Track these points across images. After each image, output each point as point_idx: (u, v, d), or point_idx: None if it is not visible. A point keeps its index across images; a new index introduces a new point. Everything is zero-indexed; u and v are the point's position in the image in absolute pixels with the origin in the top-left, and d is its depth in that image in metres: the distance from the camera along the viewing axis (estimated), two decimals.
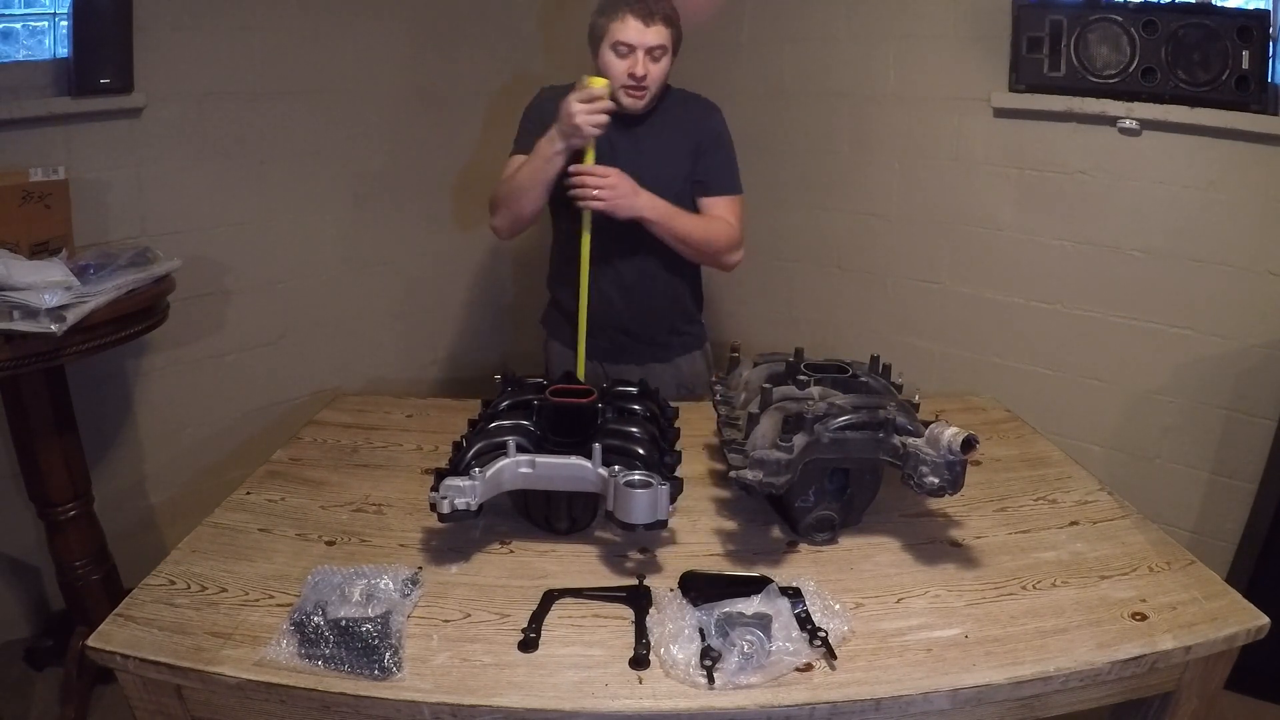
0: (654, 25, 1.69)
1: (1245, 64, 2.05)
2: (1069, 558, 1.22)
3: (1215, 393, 2.23)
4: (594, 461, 1.20)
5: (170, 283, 1.88)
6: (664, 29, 1.70)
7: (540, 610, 1.09)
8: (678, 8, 1.75)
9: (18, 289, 1.54)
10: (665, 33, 1.71)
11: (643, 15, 1.68)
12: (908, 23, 2.53)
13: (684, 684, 0.96)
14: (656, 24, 1.69)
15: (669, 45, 1.72)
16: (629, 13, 1.68)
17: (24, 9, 2.07)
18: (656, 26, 1.69)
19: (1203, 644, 1.05)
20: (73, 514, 1.86)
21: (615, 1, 1.71)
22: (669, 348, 1.96)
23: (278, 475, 1.46)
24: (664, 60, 1.73)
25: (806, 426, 1.18)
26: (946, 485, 1.14)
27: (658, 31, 1.69)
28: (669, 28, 1.71)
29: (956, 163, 2.53)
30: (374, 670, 0.97)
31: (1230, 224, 2.15)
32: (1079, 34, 2.22)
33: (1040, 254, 2.44)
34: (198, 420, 2.48)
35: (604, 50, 1.73)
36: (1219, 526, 2.26)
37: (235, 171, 2.41)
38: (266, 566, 1.19)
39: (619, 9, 1.69)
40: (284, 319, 2.61)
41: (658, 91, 1.77)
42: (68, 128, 2.08)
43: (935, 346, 2.69)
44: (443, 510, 1.14)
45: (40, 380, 1.74)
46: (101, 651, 1.02)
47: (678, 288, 1.92)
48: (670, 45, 1.73)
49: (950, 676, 0.98)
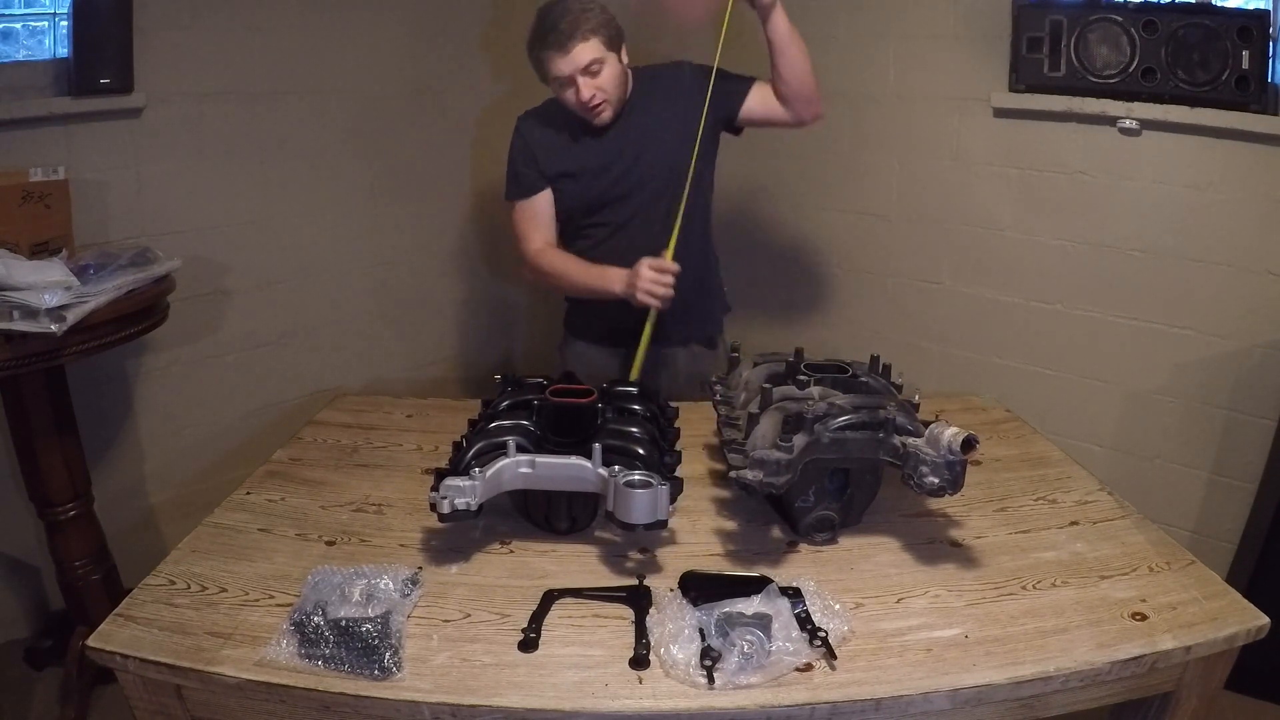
0: (573, 49, 1.63)
1: (1245, 64, 2.05)
2: (1069, 558, 1.22)
3: (1215, 393, 2.23)
4: (594, 461, 1.20)
5: (170, 283, 1.88)
6: (586, 44, 1.64)
7: (540, 610, 1.09)
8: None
9: (18, 289, 1.54)
10: (590, 45, 1.64)
11: (557, 46, 1.64)
12: (908, 23, 2.53)
13: (684, 684, 0.96)
14: (575, 45, 1.63)
15: (601, 54, 1.66)
16: (544, 49, 1.65)
17: (24, 9, 2.06)
18: (576, 48, 1.63)
19: (1203, 644, 1.05)
20: (73, 514, 1.86)
21: (532, 37, 1.68)
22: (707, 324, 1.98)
23: (278, 475, 1.46)
24: (606, 69, 1.68)
25: (806, 426, 1.18)
26: (946, 485, 1.14)
27: (580, 51, 1.64)
28: (592, 37, 1.64)
29: (956, 163, 2.53)
30: (374, 670, 0.97)
31: (1230, 224, 2.15)
32: (1079, 34, 2.22)
33: (1040, 254, 2.44)
34: (198, 420, 2.47)
35: (550, 84, 1.72)
36: (1219, 526, 2.26)
37: (235, 171, 2.41)
38: (266, 566, 1.19)
39: (535, 46, 1.67)
40: (284, 319, 2.61)
41: (620, 92, 1.74)
42: (68, 128, 2.08)
43: (935, 346, 2.69)
44: (443, 510, 1.14)
45: (40, 380, 1.74)
46: (101, 651, 1.02)
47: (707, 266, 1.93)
48: (604, 52, 1.67)
49: (950, 676, 0.98)
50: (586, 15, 1.65)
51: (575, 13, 1.64)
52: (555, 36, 1.63)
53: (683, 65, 1.84)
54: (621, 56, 1.72)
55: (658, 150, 1.77)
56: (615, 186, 1.81)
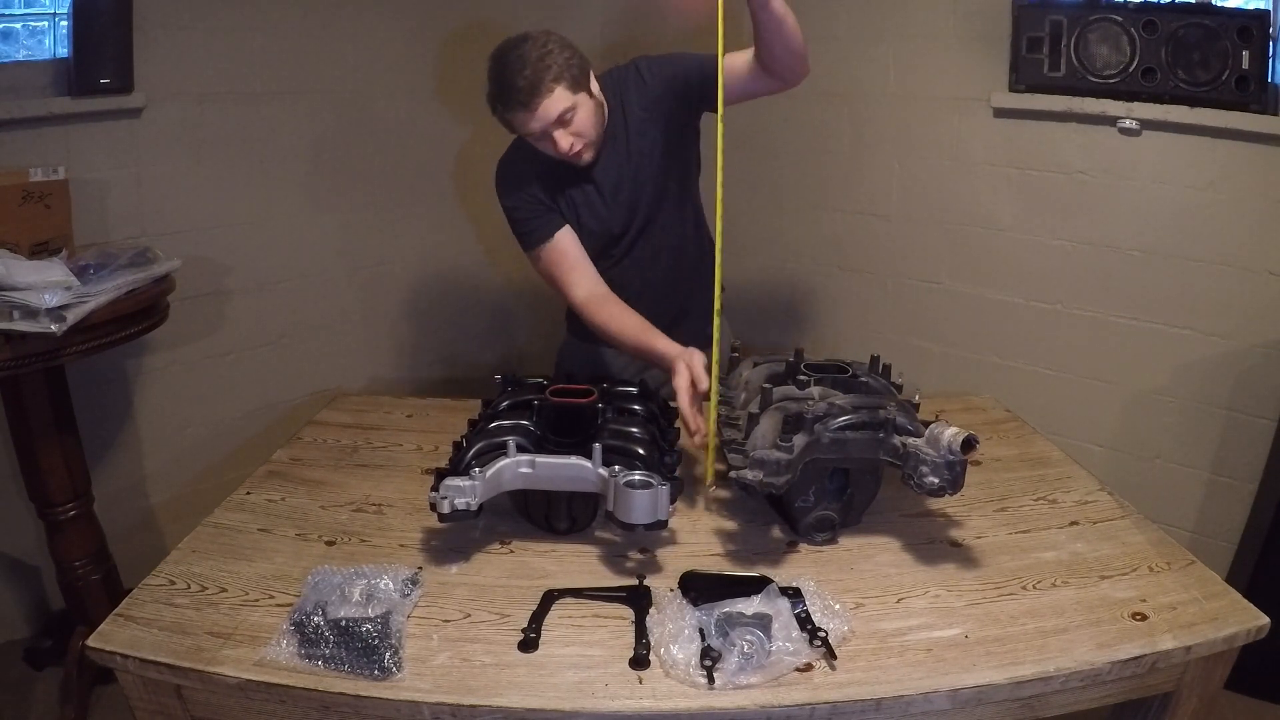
0: (539, 105, 1.47)
1: (1245, 64, 2.05)
2: (1069, 558, 1.22)
3: (1215, 393, 2.23)
4: (594, 461, 1.20)
5: (170, 283, 1.88)
6: (551, 96, 1.47)
7: (540, 610, 1.09)
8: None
9: (18, 289, 1.54)
10: (556, 96, 1.47)
11: (520, 105, 1.47)
12: (907, 23, 2.53)
13: (684, 684, 0.96)
14: (540, 102, 1.46)
15: (570, 101, 1.49)
16: (508, 111, 1.50)
17: (24, 9, 2.07)
18: (542, 104, 1.47)
19: (1203, 644, 1.04)
20: (73, 514, 1.86)
21: (492, 96, 1.52)
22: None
23: (278, 475, 1.46)
24: (578, 113, 1.51)
25: (806, 426, 1.18)
26: (946, 485, 1.14)
27: (548, 106, 1.47)
28: (556, 86, 1.47)
29: (956, 163, 2.53)
30: (374, 670, 0.97)
31: (1230, 224, 2.15)
32: (1079, 34, 2.22)
33: (1040, 254, 2.44)
34: (198, 420, 2.47)
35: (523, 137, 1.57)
36: (1219, 526, 2.27)
37: (235, 171, 2.41)
38: (266, 566, 1.19)
39: (498, 107, 1.52)
40: (284, 319, 2.61)
41: (599, 128, 1.58)
42: (68, 128, 2.08)
43: (935, 346, 2.69)
44: (443, 510, 1.14)
45: (40, 380, 1.74)
46: (101, 651, 1.02)
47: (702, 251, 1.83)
48: (572, 97, 1.50)
49: (950, 676, 0.98)
50: (545, 63, 1.47)
51: (533, 63, 1.46)
52: (517, 95, 1.47)
53: (640, 64, 1.68)
54: (591, 90, 1.56)
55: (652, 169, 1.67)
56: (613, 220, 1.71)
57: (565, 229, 1.65)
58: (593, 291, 1.64)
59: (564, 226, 1.65)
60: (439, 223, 2.95)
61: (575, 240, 1.66)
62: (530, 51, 1.48)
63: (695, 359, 1.38)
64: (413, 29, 2.73)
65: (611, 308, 1.63)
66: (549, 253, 1.65)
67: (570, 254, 1.65)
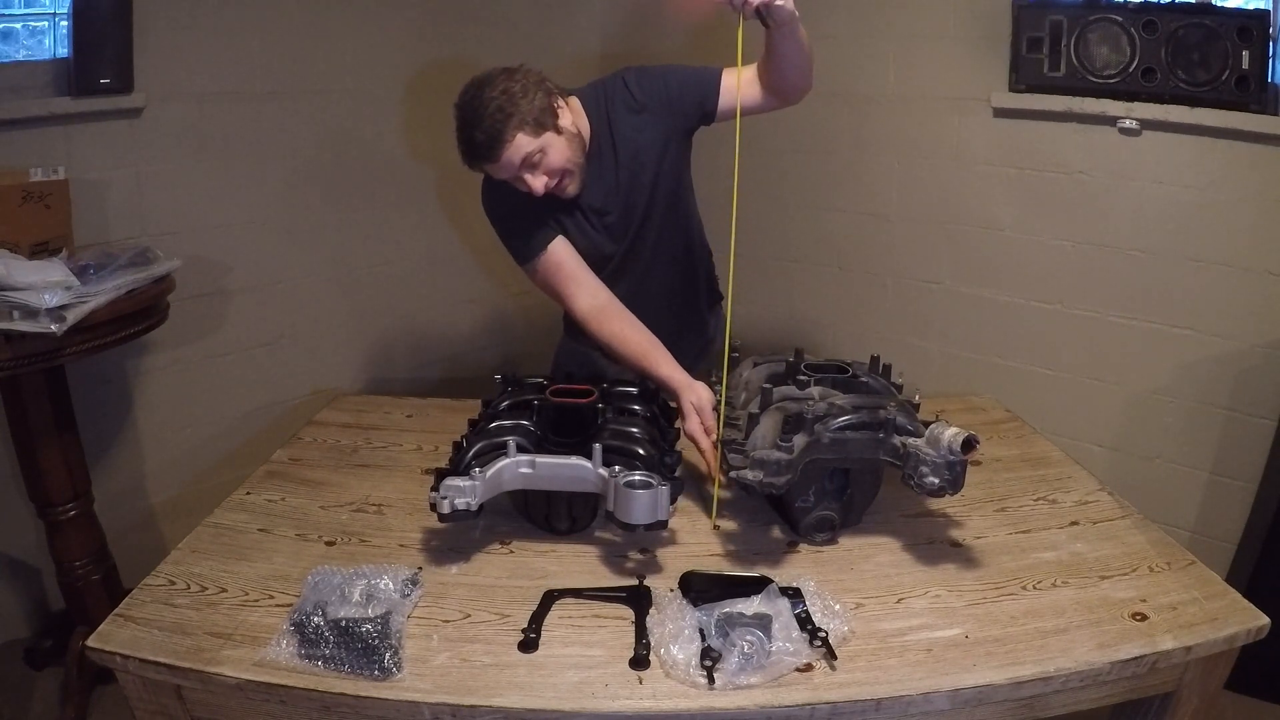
0: (500, 157, 1.43)
1: (1245, 64, 2.05)
2: (1069, 558, 1.22)
3: (1215, 393, 2.23)
4: (594, 462, 1.20)
5: (170, 283, 1.88)
6: (511, 144, 1.42)
7: (540, 610, 1.09)
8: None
9: (18, 289, 1.54)
10: (518, 143, 1.43)
11: (483, 159, 1.45)
12: (908, 23, 2.53)
13: (684, 684, 0.96)
14: (501, 153, 1.43)
15: (535, 144, 1.44)
16: (475, 164, 1.48)
17: (24, 9, 2.06)
18: (505, 153, 1.43)
19: (1203, 644, 1.05)
20: (73, 514, 1.86)
21: (462, 155, 1.49)
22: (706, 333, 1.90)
23: (278, 475, 1.46)
24: (550, 153, 1.47)
25: (806, 426, 1.18)
26: (946, 485, 1.14)
27: (510, 154, 1.43)
28: (518, 132, 1.42)
29: (956, 163, 2.53)
30: (374, 670, 0.97)
31: (1230, 224, 2.15)
32: (1079, 34, 2.22)
33: (1040, 254, 2.44)
34: (198, 420, 2.47)
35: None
36: (1219, 526, 2.26)
37: (235, 171, 2.41)
38: (266, 566, 1.19)
39: (468, 162, 1.50)
40: (284, 319, 2.61)
41: (576, 158, 1.52)
42: (68, 128, 2.07)
43: (935, 346, 2.69)
44: (443, 510, 1.14)
45: (40, 380, 1.74)
46: (101, 651, 1.02)
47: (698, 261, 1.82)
48: (536, 141, 1.44)
49: (950, 677, 0.98)
50: (501, 114, 1.42)
51: (489, 114, 1.42)
52: (478, 150, 1.44)
53: (628, 77, 1.62)
54: (560, 126, 1.48)
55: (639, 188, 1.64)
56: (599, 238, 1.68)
57: (559, 240, 1.60)
58: (594, 303, 1.59)
59: (557, 238, 1.60)
60: (439, 223, 2.95)
61: (571, 250, 1.60)
62: (489, 101, 1.43)
63: (704, 402, 1.37)
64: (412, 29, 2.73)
65: (615, 324, 1.57)
66: (544, 265, 1.60)
67: (566, 265, 1.60)
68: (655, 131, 1.60)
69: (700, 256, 1.85)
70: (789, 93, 1.54)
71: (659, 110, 1.59)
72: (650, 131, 1.60)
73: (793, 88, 1.53)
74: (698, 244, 1.83)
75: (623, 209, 1.64)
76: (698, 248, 1.83)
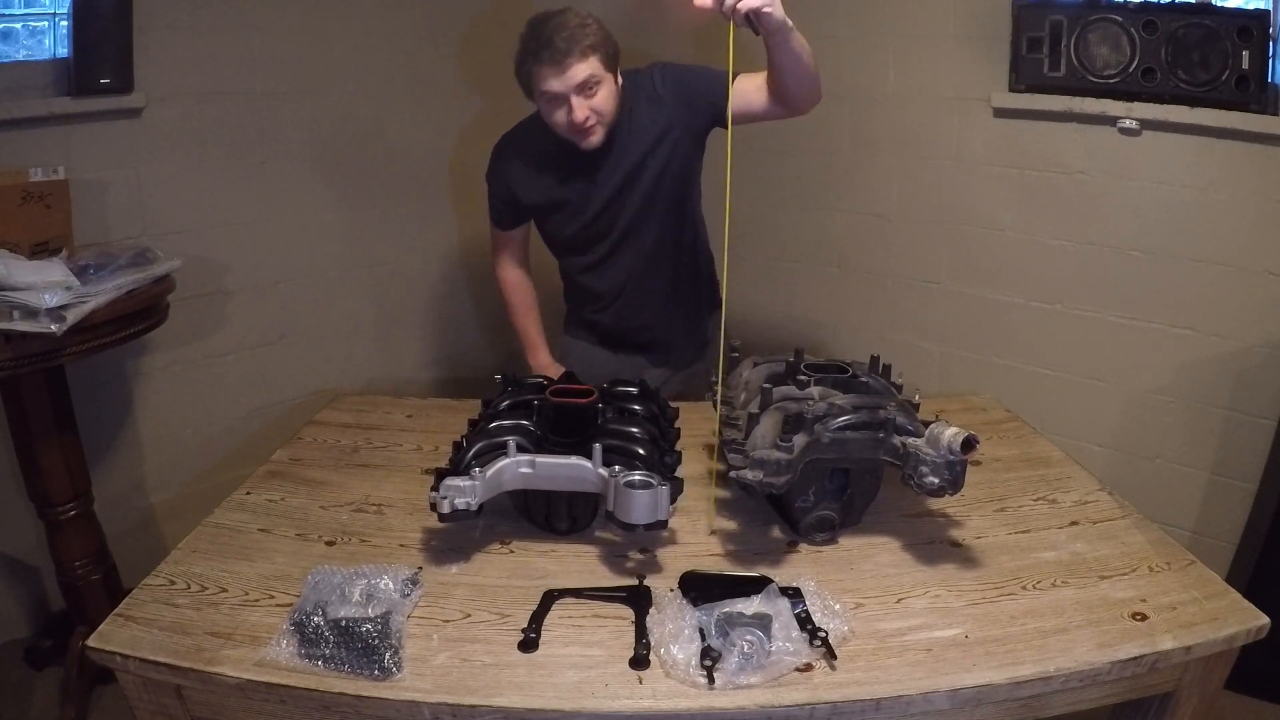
0: (570, 66, 1.51)
1: (1245, 64, 2.05)
2: (1069, 558, 1.22)
3: (1215, 393, 2.23)
4: (594, 461, 1.20)
5: (170, 283, 1.88)
6: (584, 61, 1.51)
7: (540, 610, 1.09)
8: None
9: (18, 289, 1.54)
10: (587, 63, 1.52)
11: (551, 62, 1.51)
12: (908, 23, 2.53)
13: (684, 684, 0.96)
14: (572, 63, 1.51)
15: (599, 73, 1.54)
16: (537, 64, 1.53)
17: (24, 9, 2.06)
18: (573, 66, 1.51)
19: (1203, 644, 1.05)
20: (73, 514, 1.86)
21: (524, 51, 1.55)
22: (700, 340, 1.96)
23: (278, 475, 1.46)
24: (602, 89, 1.56)
25: (806, 426, 1.18)
26: (946, 485, 1.14)
27: (577, 69, 1.51)
28: (591, 54, 1.52)
29: (956, 163, 2.53)
30: (374, 670, 0.97)
31: (1230, 224, 2.15)
32: (1079, 34, 2.22)
33: (1040, 254, 2.44)
34: (198, 420, 2.47)
35: (538, 100, 1.59)
36: (1219, 526, 2.26)
37: (235, 171, 2.41)
38: (266, 566, 1.19)
39: (527, 61, 1.55)
40: (284, 319, 2.61)
41: (612, 114, 1.61)
42: (68, 128, 2.08)
43: (935, 346, 2.69)
44: (443, 510, 1.14)
45: (40, 380, 1.74)
46: (101, 651, 1.02)
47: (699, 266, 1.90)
48: (601, 71, 1.54)
49: (950, 676, 0.98)
50: (584, 31, 1.53)
51: (572, 28, 1.52)
52: (550, 53, 1.51)
53: (655, 70, 1.71)
54: (617, 75, 1.62)
55: (643, 178, 1.69)
56: (597, 220, 1.74)
57: (520, 228, 1.89)
58: (508, 277, 1.95)
59: (520, 226, 1.88)
60: (438, 222, 2.96)
61: (524, 238, 1.92)
62: (571, 19, 1.54)
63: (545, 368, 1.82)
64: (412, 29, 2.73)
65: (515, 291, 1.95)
66: (497, 235, 1.91)
67: (510, 244, 1.93)
68: (668, 122, 1.67)
69: (703, 260, 1.88)
70: (794, 101, 1.60)
71: (675, 104, 1.67)
72: (664, 122, 1.67)
73: (796, 96, 1.58)
74: (701, 248, 1.88)
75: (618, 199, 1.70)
76: (701, 251, 1.88)
